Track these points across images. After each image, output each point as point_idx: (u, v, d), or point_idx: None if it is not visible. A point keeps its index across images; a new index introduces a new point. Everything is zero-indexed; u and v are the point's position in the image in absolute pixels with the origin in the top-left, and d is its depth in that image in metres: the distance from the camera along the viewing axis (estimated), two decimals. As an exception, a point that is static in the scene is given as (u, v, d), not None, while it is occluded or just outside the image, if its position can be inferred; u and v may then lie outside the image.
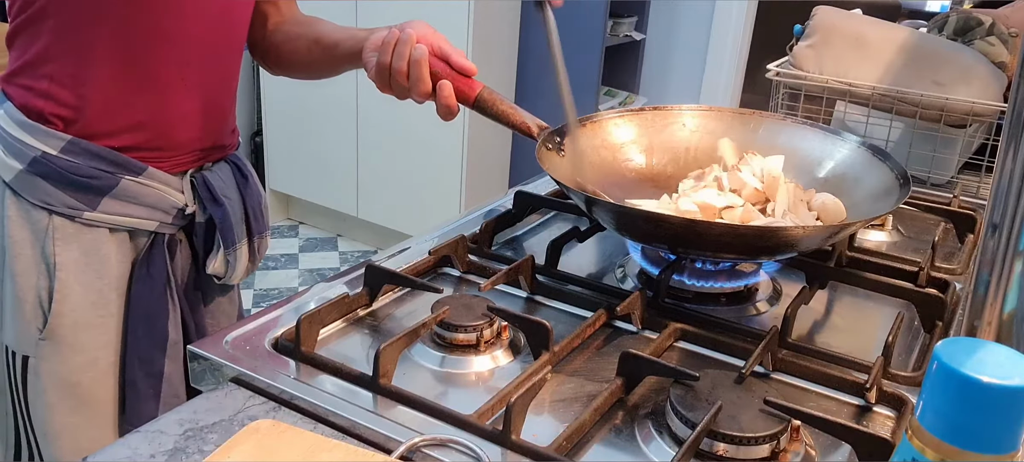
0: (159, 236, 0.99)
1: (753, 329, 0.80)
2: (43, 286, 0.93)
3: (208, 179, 1.01)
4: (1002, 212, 0.59)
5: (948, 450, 0.38)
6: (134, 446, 0.61)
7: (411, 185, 3.12)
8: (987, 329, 0.62)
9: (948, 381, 0.38)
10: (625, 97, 3.36)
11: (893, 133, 1.34)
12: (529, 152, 0.91)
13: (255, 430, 0.61)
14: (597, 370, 0.75)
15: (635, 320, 0.81)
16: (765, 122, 1.06)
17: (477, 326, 0.75)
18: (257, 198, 1.08)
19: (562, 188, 0.86)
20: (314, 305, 0.79)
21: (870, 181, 0.94)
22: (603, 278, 0.94)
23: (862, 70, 1.34)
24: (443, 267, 0.94)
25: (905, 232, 1.13)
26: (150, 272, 0.98)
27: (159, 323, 0.99)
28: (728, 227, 0.80)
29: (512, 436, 0.61)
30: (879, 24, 1.41)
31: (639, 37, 3.29)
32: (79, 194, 0.92)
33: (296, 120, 3.30)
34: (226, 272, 1.05)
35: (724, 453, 0.62)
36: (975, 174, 1.38)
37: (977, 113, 1.28)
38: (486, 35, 2.87)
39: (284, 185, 3.47)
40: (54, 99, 0.90)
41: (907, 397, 0.70)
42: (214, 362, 0.71)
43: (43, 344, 0.94)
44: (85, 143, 0.91)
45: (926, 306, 0.85)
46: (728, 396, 0.65)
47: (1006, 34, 1.43)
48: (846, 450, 0.65)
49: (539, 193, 1.08)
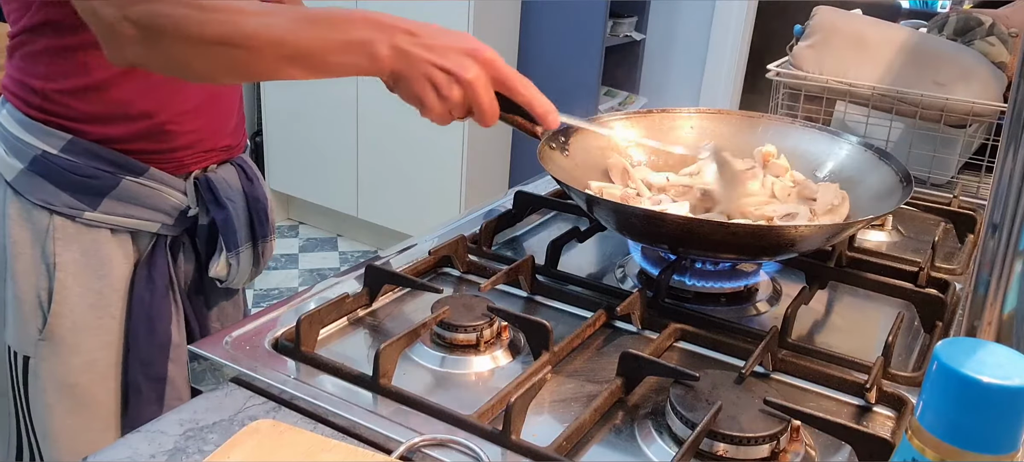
0: (161, 238, 0.99)
1: (753, 329, 0.80)
2: (42, 286, 0.93)
3: (212, 181, 1.00)
4: (1002, 212, 0.59)
5: (948, 450, 0.38)
6: (134, 446, 0.61)
7: (411, 185, 3.12)
8: (987, 329, 0.62)
9: (948, 381, 0.38)
10: (625, 97, 3.36)
11: (893, 133, 1.34)
12: (529, 152, 0.91)
13: (255, 430, 0.61)
14: (597, 370, 0.75)
15: (635, 320, 0.81)
16: (767, 124, 1.06)
17: (477, 326, 0.75)
18: (262, 201, 1.06)
19: (564, 188, 0.86)
20: (314, 305, 0.79)
21: (872, 181, 0.94)
22: (603, 278, 0.94)
23: (862, 70, 1.34)
24: (443, 267, 0.94)
25: (905, 232, 1.13)
26: (152, 274, 0.98)
27: (161, 325, 0.98)
28: (728, 227, 0.80)
29: (512, 436, 0.61)
30: (879, 24, 1.42)
31: (639, 37, 3.29)
32: (79, 194, 0.92)
33: (296, 120, 3.30)
34: (229, 275, 1.04)
35: (724, 453, 0.62)
36: (975, 174, 1.38)
37: (977, 113, 1.28)
38: (486, 35, 2.87)
39: (284, 185, 3.47)
40: (55, 99, 0.90)
41: (907, 397, 0.70)
42: (214, 362, 0.71)
43: (42, 344, 0.94)
44: (85, 143, 0.91)
45: (926, 306, 0.85)
46: (728, 396, 0.65)
47: (1006, 34, 1.43)
48: (846, 450, 0.65)
49: (539, 193, 1.08)
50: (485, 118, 0.79)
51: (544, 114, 0.82)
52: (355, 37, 0.74)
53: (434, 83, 0.76)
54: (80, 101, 0.90)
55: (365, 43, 0.74)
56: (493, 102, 0.79)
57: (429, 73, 0.75)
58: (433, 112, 0.78)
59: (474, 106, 0.78)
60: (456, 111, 0.78)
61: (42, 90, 0.90)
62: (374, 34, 0.74)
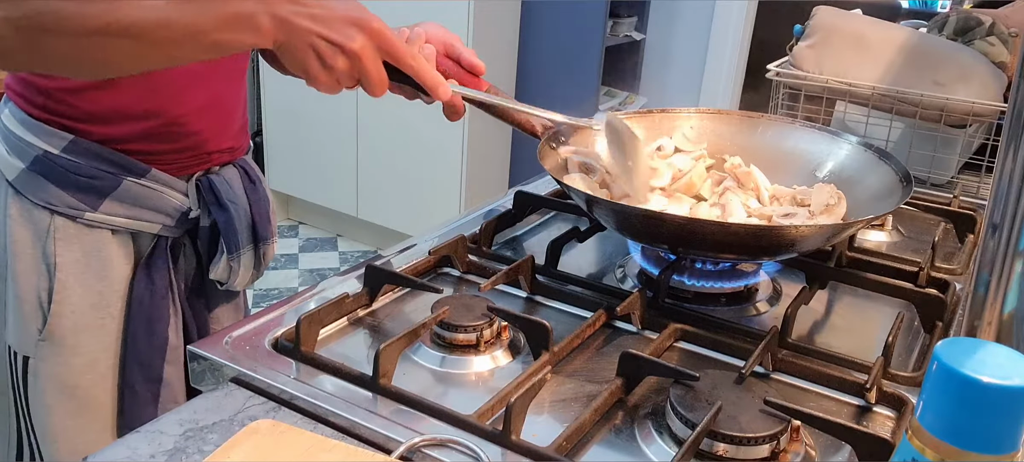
0: (162, 239, 0.99)
1: (753, 329, 0.80)
2: (43, 286, 0.93)
3: (214, 182, 1.00)
4: (1002, 212, 0.59)
5: (948, 450, 0.38)
6: (134, 446, 0.61)
7: (411, 185, 3.12)
8: (987, 329, 0.62)
9: (948, 381, 0.38)
10: (625, 97, 3.36)
11: (893, 133, 1.34)
12: (529, 152, 0.90)
13: (255, 430, 0.61)
14: (597, 370, 0.75)
15: (635, 320, 0.81)
16: (767, 124, 1.06)
17: (477, 326, 0.75)
18: (264, 204, 1.06)
19: (563, 187, 0.86)
20: (314, 305, 0.79)
21: (872, 181, 0.94)
22: (603, 278, 0.94)
23: (862, 70, 1.34)
24: (443, 267, 0.94)
25: (905, 232, 1.13)
26: (151, 275, 0.98)
27: (159, 327, 0.98)
28: (728, 227, 0.80)
29: (512, 436, 0.61)
30: (879, 24, 1.42)
31: (639, 37, 3.29)
32: (80, 194, 0.92)
33: (296, 120, 3.30)
34: (229, 278, 1.04)
35: (724, 453, 0.62)
36: (975, 174, 1.38)
37: (977, 113, 1.28)
38: (486, 35, 2.87)
39: (284, 185, 3.47)
40: (58, 97, 0.90)
41: (907, 397, 0.70)
42: (214, 362, 0.71)
43: (42, 345, 0.94)
44: (87, 143, 0.91)
45: (926, 306, 0.85)
46: (728, 396, 0.65)
47: (1006, 34, 1.43)
48: (846, 450, 0.65)
49: (539, 193, 1.08)
50: (373, 88, 0.78)
51: (434, 86, 0.81)
52: (237, 10, 0.73)
53: (318, 52, 0.75)
54: (83, 100, 0.90)
55: (247, 15, 0.73)
56: (381, 72, 0.78)
57: (313, 43, 0.74)
58: (319, 82, 0.77)
59: (361, 76, 0.77)
60: (344, 80, 0.77)
61: (45, 89, 0.90)
62: (255, 5, 0.73)
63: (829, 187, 0.93)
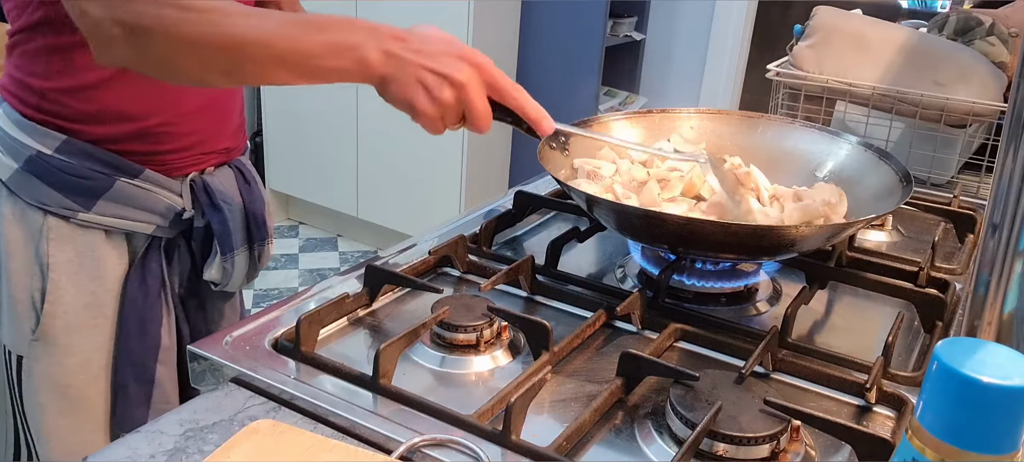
0: (156, 240, 0.98)
1: (753, 329, 0.80)
2: (36, 287, 0.93)
3: (209, 183, 1.00)
4: (1002, 212, 0.59)
5: (948, 450, 0.38)
6: (134, 446, 0.61)
7: (411, 185, 3.12)
8: (987, 329, 0.62)
9: (948, 381, 0.38)
10: (625, 97, 3.36)
11: (893, 133, 1.34)
12: (529, 152, 0.90)
13: (255, 430, 0.61)
14: (597, 370, 0.75)
15: (635, 320, 0.81)
16: (767, 124, 1.06)
17: (477, 326, 0.75)
18: (260, 205, 1.06)
19: (563, 187, 0.86)
20: (314, 305, 0.79)
21: (872, 181, 0.94)
22: (603, 278, 0.94)
23: (862, 70, 1.34)
24: (443, 267, 0.94)
25: (905, 232, 1.13)
26: (144, 276, 0.97)
27: (152, 328, 0.98)
28: (728, 227, 0.80)
29: (512, 436, 0.61)
30: (879, 24, 1.42)
31: (639, 37, 3.29)
32: (74, 194, 0.92)
33: (296, 120, 3.30)
34: (223, 279, 1.04)
35: (724, 453, 0.62)
36: (975, 174, 1.38)
37: (977, 113, 1.28)
38: (486, 35, 2.87)
39: (284, 185, 3.47)
40: (52, 98, 0.90)
41: (907, 397, 0.70)
42: (214, 362, 0.71)
43: (36, 345, 0.94)
44: (80, 143, 0.91)
45: (926, 306, 0.85)
46: (728, 396, 0.65)
47: (1006, 34, 1.43)
48: (846, 450, 0.65)
49: (539, 193, 1.08)
50: (479, 122, 0.78)
51: (537, 120, 0.80)
52: (344, 41, 0.73)
53: (425, 85, 0.74)
54: (77, 100, 0.90)
55: (354, 47, 0.73)
56: (486, 105, 0.77)
57: (420, 75, 0.74)
58: (425, 116, 0.76)
59: (467, 109, 0.77)
60: (448, 116, 0.77)
61: (40, 89, 0.90)
62: (363, 38, 0.73)
63: (830, 186, 0.93)
